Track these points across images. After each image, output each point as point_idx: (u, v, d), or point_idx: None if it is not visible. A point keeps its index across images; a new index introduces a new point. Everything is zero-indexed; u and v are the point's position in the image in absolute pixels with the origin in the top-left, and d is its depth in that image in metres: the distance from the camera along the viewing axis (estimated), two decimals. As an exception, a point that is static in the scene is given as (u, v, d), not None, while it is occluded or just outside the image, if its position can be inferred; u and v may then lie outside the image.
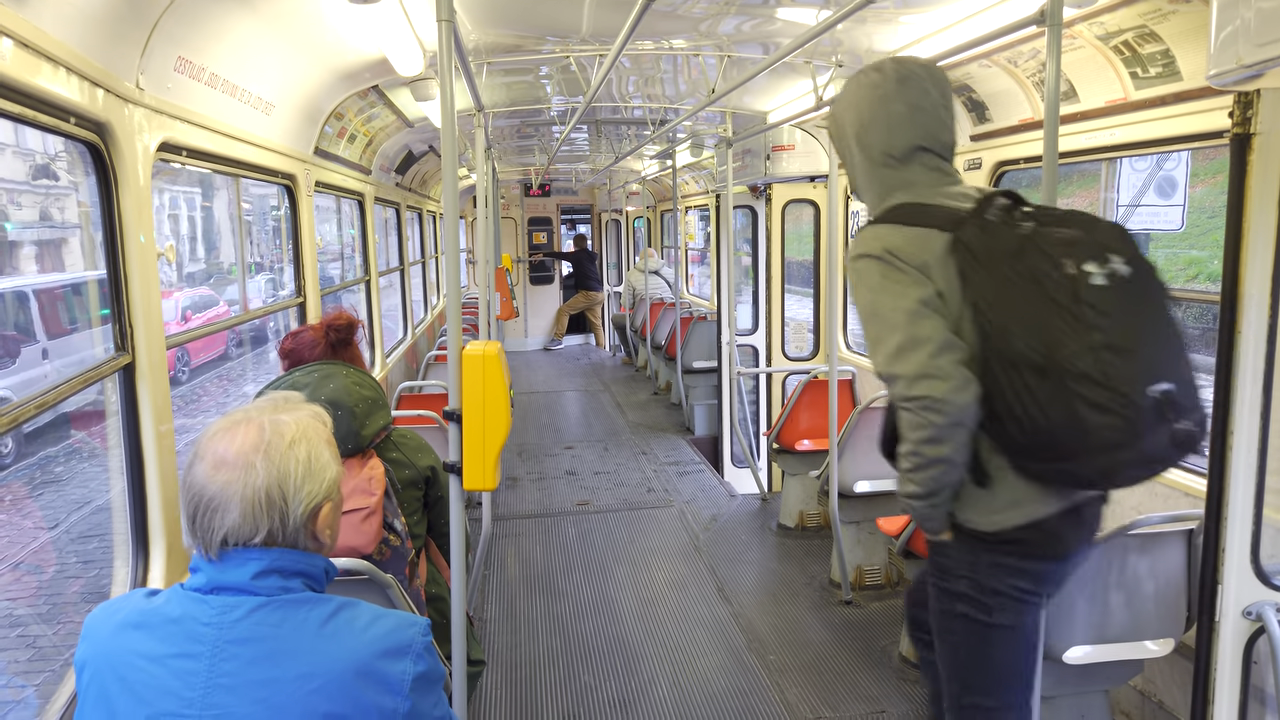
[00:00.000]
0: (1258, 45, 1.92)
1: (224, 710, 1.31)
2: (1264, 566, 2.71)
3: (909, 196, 2.24)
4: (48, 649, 6.31)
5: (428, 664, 1.42)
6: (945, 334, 2.05)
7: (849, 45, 4.56)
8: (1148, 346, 1.94)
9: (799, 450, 5.94)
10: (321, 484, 1.44)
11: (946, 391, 1.99)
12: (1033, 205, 2.17)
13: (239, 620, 1.35)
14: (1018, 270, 1.99)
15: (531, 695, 4.08)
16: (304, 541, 1.43)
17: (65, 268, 14.08)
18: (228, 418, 1.44)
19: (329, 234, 10.29)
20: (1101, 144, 3.75)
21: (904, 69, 2.25)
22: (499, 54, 4.96)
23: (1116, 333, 1.92)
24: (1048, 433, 1.95)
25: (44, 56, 2.03)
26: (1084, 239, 2.01)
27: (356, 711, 1.34)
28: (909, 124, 2.24)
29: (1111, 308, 1.93)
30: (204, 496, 1.37)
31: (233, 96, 3.33)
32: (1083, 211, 2.14)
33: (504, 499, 6.94)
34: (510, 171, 13.88)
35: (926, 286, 2.09)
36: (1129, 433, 1.92)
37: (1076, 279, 1.94)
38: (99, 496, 9.02)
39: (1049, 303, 1.95)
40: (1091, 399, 1.90)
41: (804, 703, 3.96)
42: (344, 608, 1.41)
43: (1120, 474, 2.04)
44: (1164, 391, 1.92)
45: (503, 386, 2.49)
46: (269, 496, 1.38)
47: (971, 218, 2.11)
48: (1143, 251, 2.04)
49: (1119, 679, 3.26)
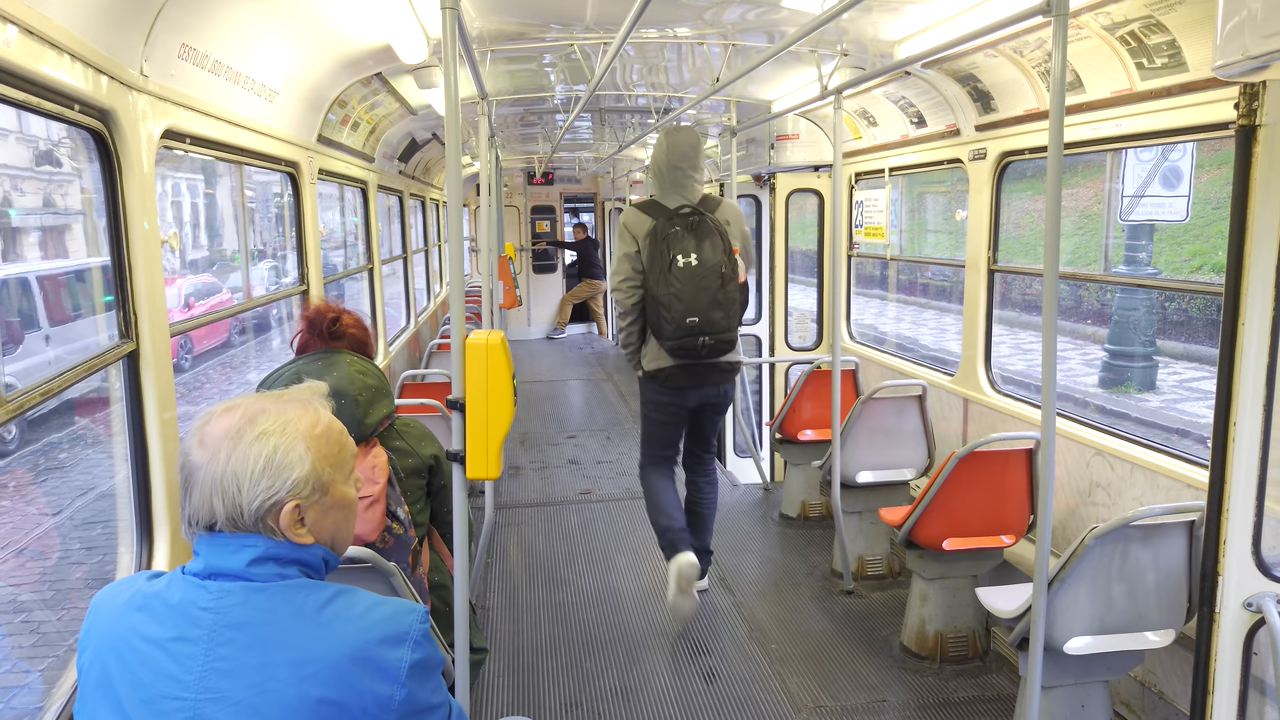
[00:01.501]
0: (1264, 36, 1.91)
1: (220, 694, 1.31)
2: (1265, 558, 2.72)
3: (655, 195, 4.39)
4: (52, 634, 6.35)
5: (425, 651, 1.41)
6: (631, 271, 4.30)
7: (854, 34, 4.54)
8: (691, 298, 4.11)
9: (801, 440, 5.94)
10: (284, 482, 1.39)
11: (624, 299, 4.34)
12: (690, 210, 4.25)
13: (236, 605, 1.35)
14: (658, 250, 4.18)
15: (534, 683, 4.10)
16: (278, 534, 1.41)
17: (69, 254, 14.09)
18: (229, 400, 1.44)
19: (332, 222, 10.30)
20: (1107, 135, 3.74)
21: (671, 134, 4.39)
22: (503, 41, 4.95)
23: (680, 290, 4.11)
24: (656, 327, 4.26)
25: (48, 44, 2.03)
26: (684, 241, 4.16)
27: (352, 698, 1.33)
28: (666, 156, 4.34)
29: (682, 278, 4.12)
30: (183, 471, 1.40)
31: (236, 84, 3.32)
32: (706, 223, 4.22)
33: (507, 488, 6.95)
34: (513, 160, 13.86)
35: (632, 246, 4.30)
36: (679, 334, 4.15)
37: (672, 261, 4.14)
38: (103, 483, 9.05)
39: (662, 269, 4.14)
40: (666, 316, 4.14)
41: (805, 691, 3.97)
42: (340, 594, 1.40)
43: (680, 352, 4.24)
44: (692, 320, 4.11)
45: (506, 375, 2.50)
46: (223, 485, 1.37)
47: (662, 216, 4.25)
48: (720, 254, 4.16)
49: (1119, 669, 3.27)
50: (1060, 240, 2.63)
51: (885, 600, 4.89)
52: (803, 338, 8.31)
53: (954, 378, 5.32)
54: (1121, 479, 3.80)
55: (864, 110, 5.91)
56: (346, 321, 2.80)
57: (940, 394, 5.38)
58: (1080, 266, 15.23)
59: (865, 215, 6.46)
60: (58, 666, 5.74)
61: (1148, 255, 12.32)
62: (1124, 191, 11.39)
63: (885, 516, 4.39)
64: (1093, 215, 15.54)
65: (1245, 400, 2.65)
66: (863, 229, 6.51)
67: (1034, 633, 2.88)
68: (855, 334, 7.13)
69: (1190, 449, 3.73)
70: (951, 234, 19.38)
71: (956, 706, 3.85)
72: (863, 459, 5.03)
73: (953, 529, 4.01)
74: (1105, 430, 4.03)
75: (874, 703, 3.88)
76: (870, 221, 6.38)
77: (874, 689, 3.98)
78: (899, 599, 4.75)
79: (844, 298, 6.91)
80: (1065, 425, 4.14)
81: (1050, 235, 2.60)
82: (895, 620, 4.53)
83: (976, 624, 4.19)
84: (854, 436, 4.97)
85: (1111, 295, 12.46)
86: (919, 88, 5.00)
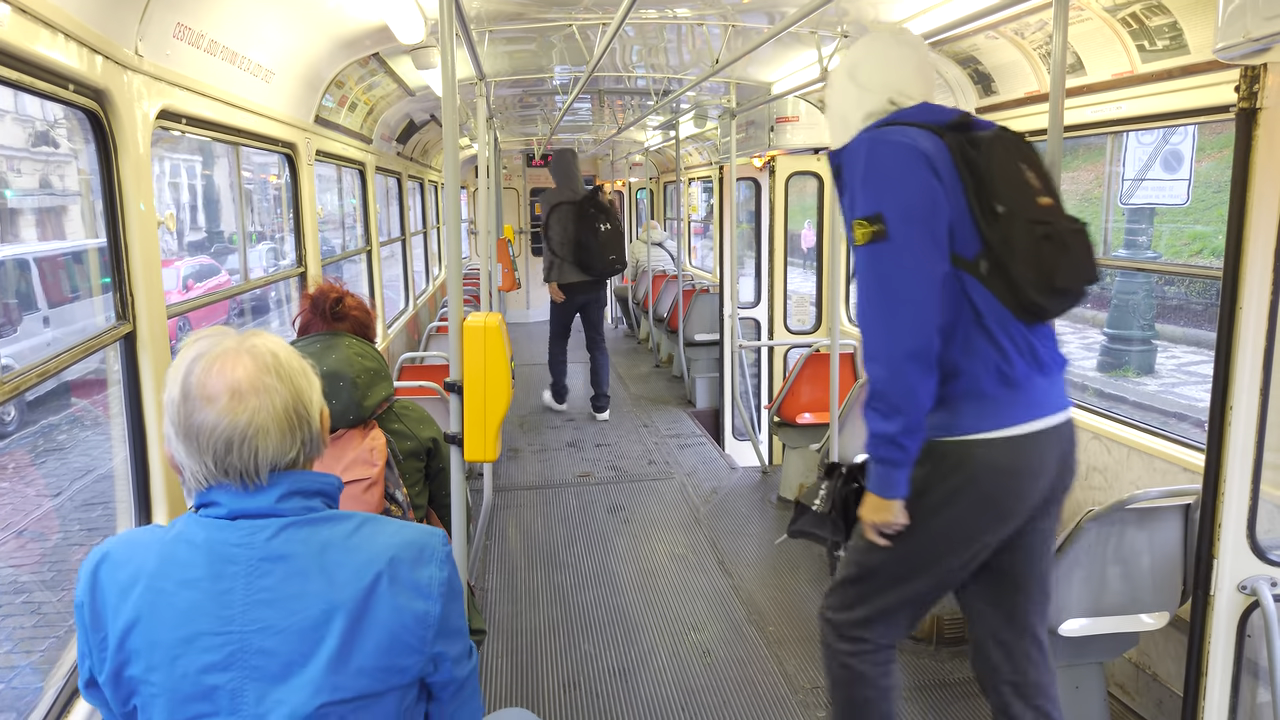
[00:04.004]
0: (1266, 19, 1.90)
1: (265, 624, 1.35)
2: (1260, 541, 2.73)
3: None
4: (52, 615, 6.37)
5: (450, 570, 1.49)
6: None
7: (855, 15, 4.52)
8: (607, 251, 7.85)
9: (800, 423, 5.95)
10: (316, 389, 1.51)
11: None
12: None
13: (270, 539, 1.39)
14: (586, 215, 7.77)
15: (532, 664, 4.13)
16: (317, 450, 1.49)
17: (66, 235, 14.04)
18: (200, 359, 1.40)
19: (329, 204, 10.25)
20: (1107, 117, 3.72)
21: None
22: (501, 22, 4.92)
23: (601, 244, 7.82)
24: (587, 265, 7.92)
25: (42, 23, 2.01)
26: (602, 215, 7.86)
27: (393, 615, 1.40)
28: None
29: (604, 239, 7.83)
30: (236, 428, 1.37)
31: (232, 64, 3.30)
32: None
33: (505, 470, 6.97)
34: (512, 141, 13.79)
35: None
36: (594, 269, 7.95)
37: (598, 226, 7.80)
38: (102, 465, 9.06)
39: (592, 231, 7.77)
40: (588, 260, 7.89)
41: (802, 673, 4.00)
42: (367, 522, 1.46)
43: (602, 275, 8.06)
44: (611, 259, 7.91)
45: (503, 358, 2.50)
46: (297, 412, 1.43)
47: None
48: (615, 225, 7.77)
49: (1114, 651, 3.29)
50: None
51: (882, 582, 4.91)
52: (802, 321, 8.30)
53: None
54: (1118, 462, 3.82)
55: (864, 92, 5.87)
56: (349, 303, 2.80)
57: (938, 377, 5.38)
58: (1080, 250, 15.17)
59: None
60: (57, 647, 5.77)
61: (1148, 239, 12.30)
62: (1124, 175, 11.37)
63: (882, 499, 4.39)
64: (1093, 199, 15.50)
65: (1242, 384, 2.65)
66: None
67: (1029, 615, 2.90)
68: (853, 317, 7.13)
69: (1187, 433, 3.74)
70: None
71: (952, 687, 3.87)
72: (861, 442, 5.02)
73: (950, 512, 4.02)
74: (1102, 414, 4.04)
75: (870, 684, 3.90)
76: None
77: (870, 670, 4.01)
78: (896, 581, 4.77)
79: (843, 281, 6.90)
80: (1063, 409, 4.15)
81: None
82: (892, 602, 4.55)
83: (972, 606, 4.21)
84: (853, 419, 4.98)
85: (1111, 279, 12.45)
86: (919, 70, 4.96)
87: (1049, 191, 2.30)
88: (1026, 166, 2.27)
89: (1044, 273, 2.19)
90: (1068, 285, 2.24)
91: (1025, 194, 2.22)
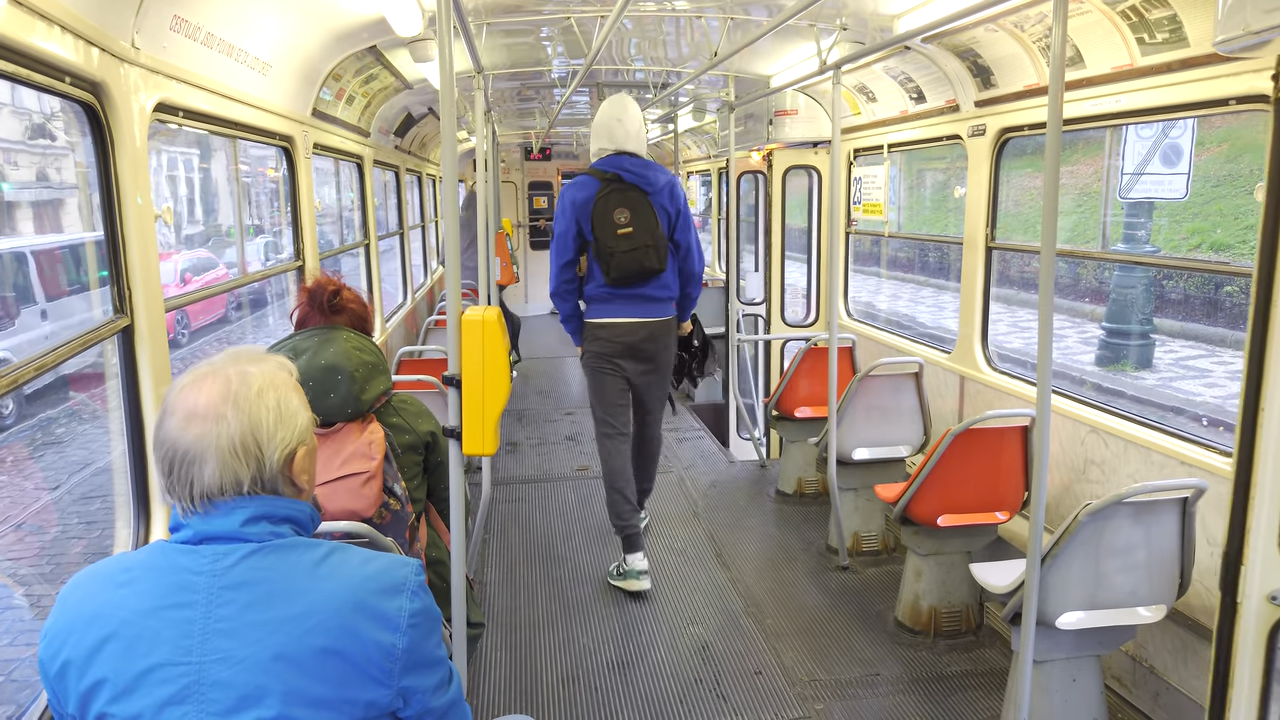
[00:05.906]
0: (1265, 11, 1.89)
1: (223, 654, 1.31)
2: None
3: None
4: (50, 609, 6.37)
5: (423, 601, 1.44)
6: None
7: (854, 8, 4.50)
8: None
9: (798, 417, 5.96)
10: (294, 430, 1.44)
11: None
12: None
13: (232, 566, 1.35)
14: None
15: (530, 657, 4.13)
16: (283, 488, 1.44)
17: (63, 229, 14.01)
18: (193, 372, 1.43)
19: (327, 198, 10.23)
20: (1106, 111, 3.71)
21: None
22: (499, 14, 4.90)
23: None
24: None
25: (39, 15, 2.00)
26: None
27: (355, 647, 1.35)
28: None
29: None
30: (178, 450, 1.37)
31: (229, 56, 3.29)
32: None
33: (504, 464, 6.97)
34: (510, 135, 13.77)
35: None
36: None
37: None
38: (100, 458, 9.06)
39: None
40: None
41: (800, 665, 4.00)
42: (336, 550, 1.42)
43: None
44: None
45: (502, 352, 2.50)
46: (244, 445, 1.38)
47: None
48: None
49: (1111, 644, 3.29)
50: (1059, 218, 2.61)
51: (880, 576, 4.92)
52: (795, 312, 8.30)
53: (951, 355, 5.33)
54: (1116, 456, 3.82)
55: (863, 85, 5.87)
56: (347, 296, 2.80)
57: (937, 371, 5.39)
58: (1079, 244, 15.20)
59: (864, 192, 6.44)
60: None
61: (1146, 233, 12.30)
62: (1124, 168, 11.35)
63: (881, 493, 4.40)
64: (1092, 192, 15.49)
65: (1275, 384, 2.50)
66: (861, 205, 6.49)
67: (1027, 608, 2.90)
68: (853, 312, 7.13)
69: (1185, 426, 3.74)
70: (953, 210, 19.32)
71: (949, 680, 3.88)
72: (859, 436, 5.04)
73: (948, 505, 4.03)
74: (1100, 408, 4.04)
75: (868, 676, 3.92)
76: (869, 198, 6.36)
77: (868, 663, 4.02)
78: (894, 575, 4.78)
79: (841, 275, 6.90)
80: (1061, 403, 4.15)
81: (1048, 212, 2.58)
82: (890, 596, 4.56)
83: (970, 599, 4.22)
84: (850, 413, 4.98)
85: (1110, 273, 12.44)
86: (918, 63, 4.96)
87: (631, 224, 4.48)
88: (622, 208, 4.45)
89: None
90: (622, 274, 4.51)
91: (610, 225, 4.48)
